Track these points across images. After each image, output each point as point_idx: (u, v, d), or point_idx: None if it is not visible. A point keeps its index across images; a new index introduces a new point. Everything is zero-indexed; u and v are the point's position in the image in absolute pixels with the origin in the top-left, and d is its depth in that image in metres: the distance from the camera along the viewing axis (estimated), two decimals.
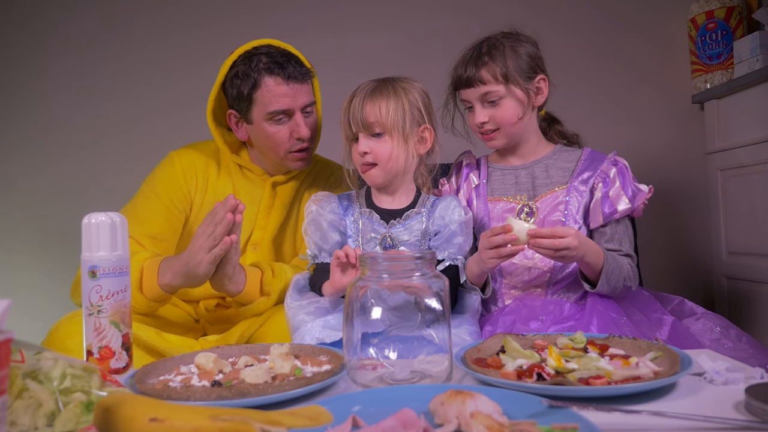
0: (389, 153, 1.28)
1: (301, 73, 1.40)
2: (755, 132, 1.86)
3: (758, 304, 1.87)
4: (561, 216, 1.32)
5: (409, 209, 1.34)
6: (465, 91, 1.35)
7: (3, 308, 0.53)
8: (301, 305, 1.22)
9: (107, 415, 0.56)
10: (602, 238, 1.32)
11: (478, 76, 1.31)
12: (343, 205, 1.36)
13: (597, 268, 1.23)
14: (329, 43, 2.17)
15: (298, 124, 1.40)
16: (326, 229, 1.32)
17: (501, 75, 1.31)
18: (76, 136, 2.17)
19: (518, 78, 1.32)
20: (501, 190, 1.41)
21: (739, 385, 0.74)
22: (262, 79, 1.37)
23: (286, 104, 1.38)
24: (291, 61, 1.40)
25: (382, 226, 1.32)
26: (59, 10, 2.19)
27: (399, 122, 1.27)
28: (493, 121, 1.33)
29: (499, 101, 1.32)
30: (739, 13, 2.09)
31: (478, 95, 1.32)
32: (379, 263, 0.83)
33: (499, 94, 1.31)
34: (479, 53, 1.33)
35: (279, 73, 1.37)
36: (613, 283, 1.24)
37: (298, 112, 1.40)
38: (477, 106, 1.34)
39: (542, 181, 1.38)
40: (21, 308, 2.02)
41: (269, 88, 1.37)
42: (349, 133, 1.30)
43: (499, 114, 1.32)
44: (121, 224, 0.94)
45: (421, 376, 0.81)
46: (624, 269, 1.27)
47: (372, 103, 1.27)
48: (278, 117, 1.39)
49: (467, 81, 1.32)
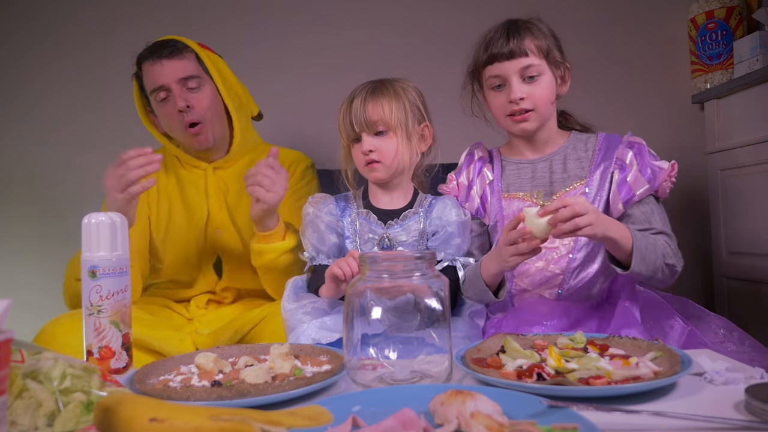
0: (394, 150, 1.29)
1: (171, 49, 1.44)
2: (755, 132, 1.86)
3: (758, 305, 1.86)
4: None
5: (406, 209, 1.34)
6: (502, 65, 1.25)
7: (3, 308, 0.53)
8: (298, 306, 1.22)
9: (107, 415, 0.56)
10: (628, 221, 1.22)
11: (522, 46, 1.23)
12: (340, 206, 1.37)
13: (625, 244, 1.11)
14: (322, 43, 2.17)
15: (176, 96, 1.43)
16: (323, 230, 1.32)
17: (542, 49, 1.25)
18: (77, 137, 2.16)
19: (556, 55, 1.28)
20: (516, 185, 1.34)
21: (739, 385, 0.74)
22: (142, 67, 1.46)
23: (159, 80, 1.43)
24: (165, 44, 1.45)
25: (380, 226, 1.32)
26: (59, 10, 2.18)
27: (402, 120, 1.29)
28: (530, 98, 1.25)
29: (538, 78, 1.25)
30: (739, 13, 2.09)
31: (518, 68, 1.24)
32: (379, 263, 0.83)
33: (540, 69, 1.25)
34: (517, 27, 1.26)
35: (149, 56, 1.44)
36: (651, 262, 1.12)
37: (175, 84, 1.43)
38: (514, 82, 1.25)
39: (560, 176, 1.31)
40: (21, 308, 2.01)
41: (145, 72, 1.45)
42: (351, 133, 1.30)
43: (538, 91, 1.25)
44: (121, 224, 0.94)
45: (421, 376, 0.81)
46: (659, 245, 1.16)
47: (375, 102, 1.28)
48: (159, 95, 1.44)
49: (510, 53, 1.24)
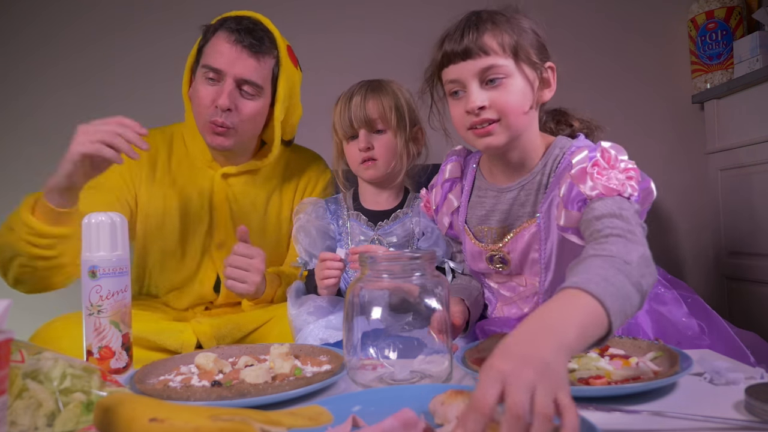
0: (392, 148, 1.29)
1: (255, 43, 1.29)
2: (755, 132, 1.86)
3: (758, 304, 1.86)
4: (536, 254, 1.06)
5: (396, 209, 1.34)
6: (458, 67, 1.00)
7: (3, 308, 0.53)
8: (301, 309, 1.22)
9: (107, 415, 0.56)
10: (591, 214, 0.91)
11: (479, 43, 0.98)
12: (331, 209, 1.37)
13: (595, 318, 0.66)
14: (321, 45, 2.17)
15: (222, 90, 1.28)
16: (315, 235, 1.32)
17: (509, 46, 0.99)
18: None
19: (530, 53, 1.01)
20: (476, 219, 1.14)
21: (739, 385, 0.74)
22: (215, 33, 1.31)
23: (221, 63, 1.27)
24: (256, 30, 1.30)
25: (370, 228, 1.33)
26: (60, 11, 2.19)
27: (401, 119, 1.29)
28: (494, 106, 0.99)
29: (503, 81, 0.99)
30: (739, 13, 2.09)
31: (476, 70, 0.99)
32: (379, 263, 0.83)
33: (506, 70, 0.99)
34: (478, 20, 1.01)
35: (230, 31, 1.28)
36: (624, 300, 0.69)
37: (230, 79, 1.28)
38: (472, 86, 0.99)
39: (517, 210, 1.08)
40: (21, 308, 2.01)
41: (214, 42, 1.30)
42: (349, 130, 1.30)
43: (503, 97, 0.99)
44: (121, 224, 0.95)
45: (421, 376, 0.81)
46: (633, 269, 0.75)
47: (374, 100, 1.28)
48: (209, 74, 1.29)
49: (465, 51, 0.99)
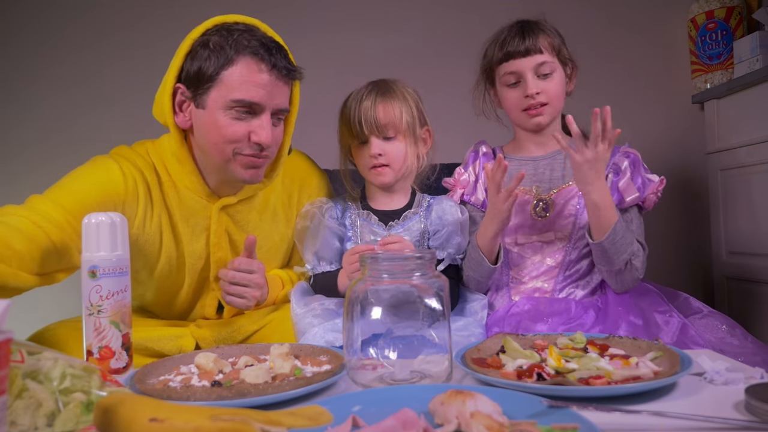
0: (403, 155, 1.29)
1: (289, 68, 1.15)
2: (755, 132, 1.86)
3: (758, 304, 1.86)
4: (573, 210, 1.32)
5: (405, 210, 1.34)
6: (517, 62, 1.32)
7: (3, 308, 0.53)
8: (307, 310, 1.21)
9: (107, 415, 0.56)
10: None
11: (536, 44, 1.31)
12: (339, 208, 1.36)
13: (607, 216, 1.20)
14: (323, 44, 2.17)
15: (262, 126, 1.12)
16: (326, 236, 1.31)
17: (554, 47, 1.33)
18: (79, 137, 2.16)
19: (566, 54, 1.36)
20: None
21: (739, 385, 0.74)
22: (240, 57, 1.10)
23: (259, 97, 1.11)
24: (281, 49, 1.15)
25: (381, 227, 1.32)
26: (59, 11, 2.19)
27: (410, 123, 1.29)
28: (545, 93, 1.32)
29: (551, 74, 1.32)
30: (739, 13, 2.09)
31: (533, 65, 1.31)
32: (379, 263, 0.83)
33: (553, 66, 1.32)
34: (531, 26, 1.34)
35: (263, 57, 1.11)
36: (619, 246, 1.21)
37: (268, 113, 1.13)
38: (529, 78, 1.31)
39: (559, 173, 1.37)
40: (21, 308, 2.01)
41: (244, 71, 1.10)
42: (361, 135, 1.28)
43: (552, 87, 1.32)
44: (121, 224, 0.94)
45: (421, 376, 0.81)
46: (634, 244, 1.25)
47: (386, 106, 1.27)
48: (241, 109, 1.11)
49: (525, 50, 1.31)
